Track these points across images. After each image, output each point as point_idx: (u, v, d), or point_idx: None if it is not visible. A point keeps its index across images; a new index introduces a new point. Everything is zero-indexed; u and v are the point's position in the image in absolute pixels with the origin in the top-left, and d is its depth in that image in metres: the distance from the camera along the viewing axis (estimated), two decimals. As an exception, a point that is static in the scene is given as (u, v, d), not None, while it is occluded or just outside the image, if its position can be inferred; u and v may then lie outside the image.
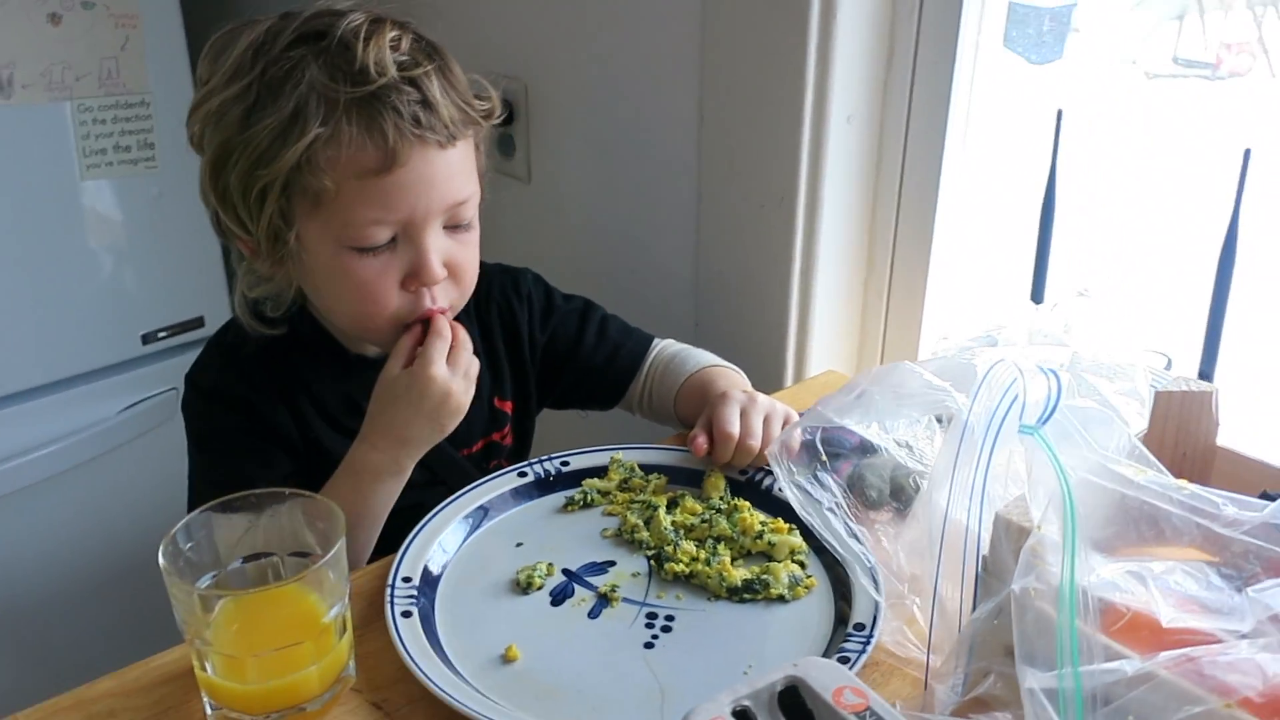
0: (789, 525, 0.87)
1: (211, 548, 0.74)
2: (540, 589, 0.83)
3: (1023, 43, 1.12)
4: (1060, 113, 0.95)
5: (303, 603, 0.71)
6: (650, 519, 0.89)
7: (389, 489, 0.91)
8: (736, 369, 1.10)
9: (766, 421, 0.95)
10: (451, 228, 0.91)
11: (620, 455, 0.97)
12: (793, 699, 0.60)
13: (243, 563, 0.75)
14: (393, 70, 0.84)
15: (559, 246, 1.51)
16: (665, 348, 1.11)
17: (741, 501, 0.91)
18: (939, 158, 1.12)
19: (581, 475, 0.96)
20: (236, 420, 0.94)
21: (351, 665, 0.75)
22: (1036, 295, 1.03)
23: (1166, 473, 0.62)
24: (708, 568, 0.83)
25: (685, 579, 0.84)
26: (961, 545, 0.68)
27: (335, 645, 0.72)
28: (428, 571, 0.84)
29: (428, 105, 0.86)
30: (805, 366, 1.25)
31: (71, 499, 1.66)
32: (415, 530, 0.87)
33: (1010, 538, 0.62)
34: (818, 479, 0.80)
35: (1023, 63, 1.13)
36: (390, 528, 0.92)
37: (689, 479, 0.96)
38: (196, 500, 0.82)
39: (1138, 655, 0.54)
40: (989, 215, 1.18)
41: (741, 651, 0.77)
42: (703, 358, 1.10)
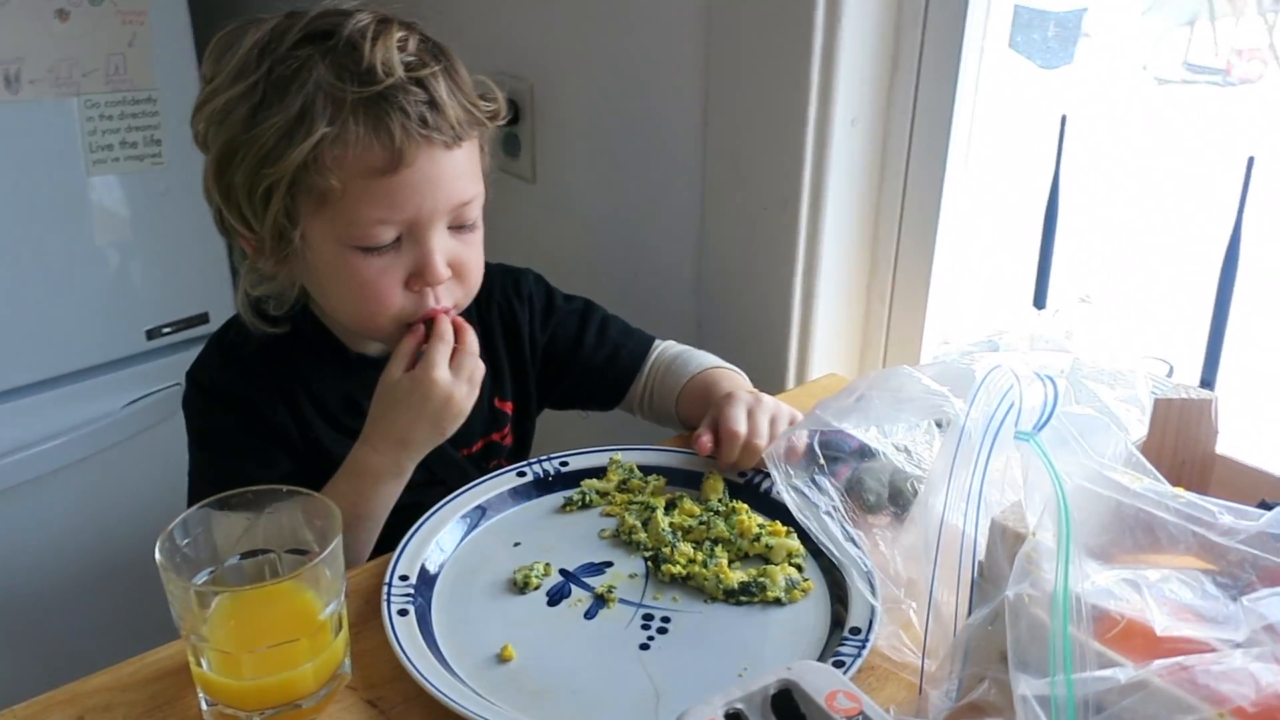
0: (787, 528, 0.87)
1: (209, 544, 0.74)
2: (537, 589, 0.83)
3: (1032, 47, 1.12)
4: (1064, 118, 0.95)
5: (299, 600, 0.71)
6: (648, 520, 0.89)
7: (389, 490, 0.91)
8: (739, 370, 1.10)
9: (773, 422, 0.95)
10: (456, 228, 0.91)
11: (619, 456, 0.97)
12: (786, 702, 0.60)
13: (240, 559, 0.75)
14: (400, 71, 0.85)
15: (563, 246, 1.51)
16: (666, 349, 1.11)
17: (739, 504, 0.91)
18: (943, 162, 1.11)
19: (580, 476, 0.96)
20: (236, 419, 0.95)
21: (347, 663, 0.75)
22: (1039, 300, 1.03)
23: (1163, 480, 0.62)
24: (705, 570, 0.83)
25: (682, 581, 0.84)
26: (958, 550, 0.68)
27: (331, 643, 0.72)
28: (425, 570, 0.84)
29: (434, 106, 0.86)
30: (807, 369, 1.25)
31: (75, 493, 1.67)
32: (413, 529, 0.87)
33: (1006, 543, 0.62)
34: (815, 482, 0.80)
35: (1032, 67, 1.13)
36: (388, 526, 0.92)
37: (688, 480, 0.96)
38: (195, 498, 0.82)
39: (1131, 663, 0.54)
40: (992, 220, 1.18)
41: (737, 654, 0.77)
42: (705, 359, 1.10)
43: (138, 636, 0.83)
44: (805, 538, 0.84)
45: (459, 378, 0.89)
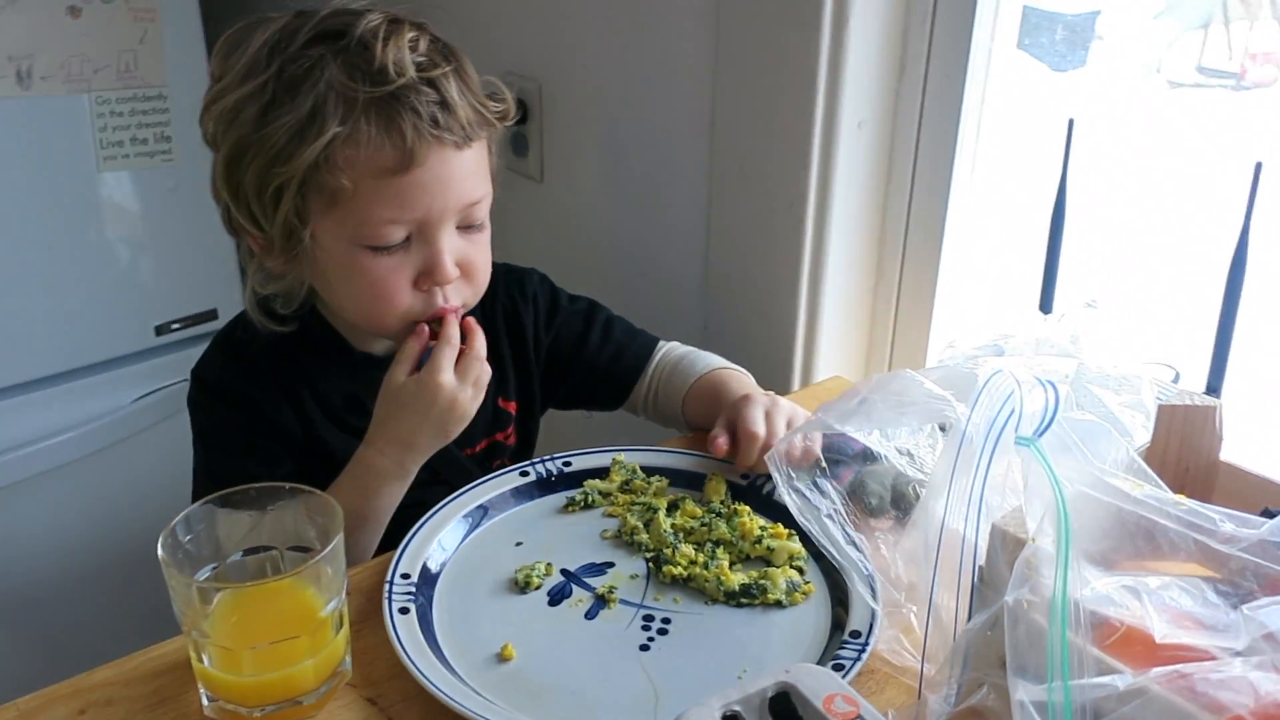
0: (788, 531, 0.87)
1: (212, 540, 0.74)
2: (538, 589, 0.84)
3: (1044, 50, 1.11)
4: (1071, 122, 0.95)
5: (300, 597, 0.71)
6: (650, 521, 0.89)
7: (393, 492, 0.92)
8: (745, 371, 1.10)
9: (789, 425, 0.95)
10: (464, 227, 0.91)
11: (622, 457, 0.97)
12: (784, 705, 0.60)
13: (242, 556, 0.75)
14: (411, 71, 0.85)
15: (570, 246, 1.51)
16: (671, 349, 1.11)
17: (742, 506, 0.91)
18: (950, 165, 1.11)
19: (583, 476, 0.96)
20: (240, 417, 0.95)
21: (348, 660, 0.75)
22: (1045, 305, 1.03)
23: (1165, 487, 0.61)
24: (706, 571, 0.83)
25: (683, 582, 0.84)
26: (958, 555, 0.67)
27: (332, 640, 0.73)
28: (426, 569, 0.84)
29: (445, 106, 0.86)
30: (812, 371, 1.25)
31: (83, 488, 1.68)
32: (415, 527, 0.87)
33: (1006, 548, 0.62)
34: (817, 485, 0.80)
35: (1045, 69, 1.12)
36: (391, 525, 0.92)
37: (690, 482, 0.96)
38: (198, 495, 0.82)
39: (1130, 670, 0.54)
40: (999, 223, 1.18)
41: (737, 656, 0.77)
42: (711, 360, 1.10)
43: (141, 631, 0.83)
44: (807, 540, 0.84)
45: (464, 382, 0.89)
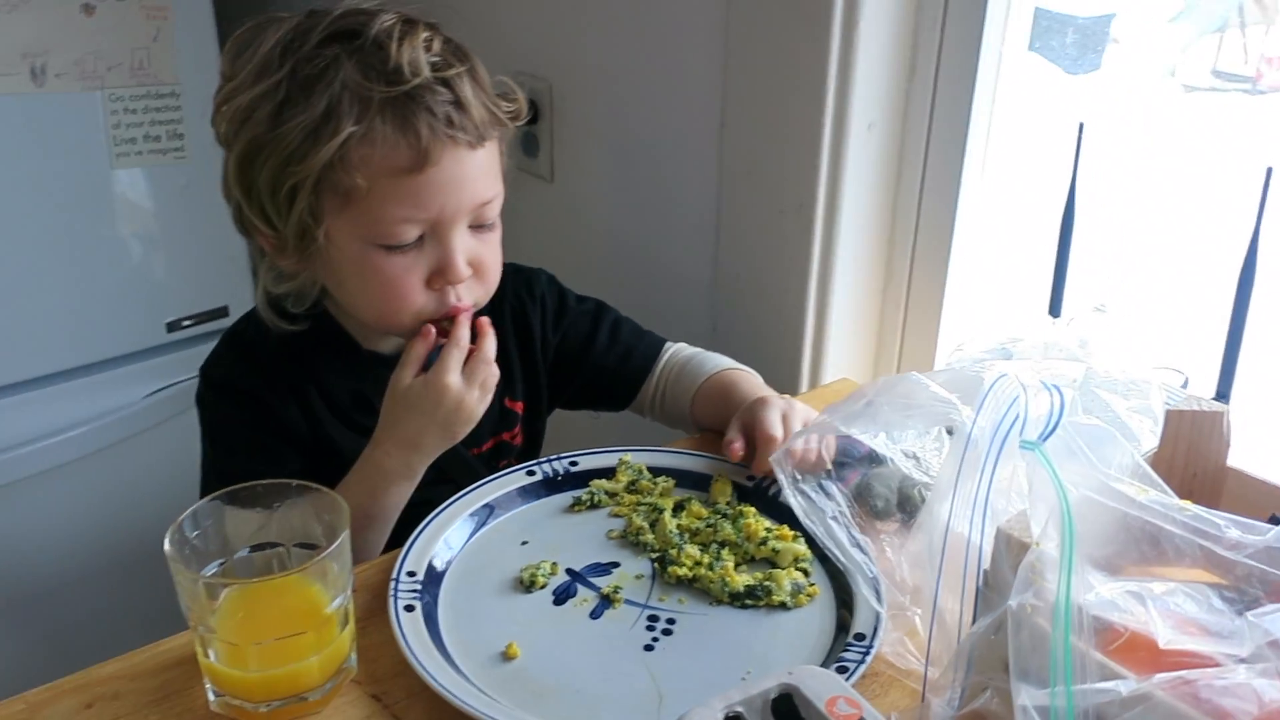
0: (794, 533, 0.87)
1: (218, 536, 0.75)
2: (543, 588, 0.84)
3: (1058, 53, 1.11)
4: (1081, 125, 0.94)
5: (306, 593, 0.71)
6: (656, 522, 0.89)
7: (400, 492, 0.92)
8: (753, 371, 1.10)
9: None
10: (476, 227, 0.91)
11: (629, 457, 0.97)
12: (786, 706, 0.61)
13: (249, 552, 0.76)
14: (426, 71, 0.85)
15: (580, 246, 1.51)
16: (679, 350, 1.11)
17: (748, 507, 0.91)
18: (959, 167, 1.11)
19: (589, 476, 0.96)
20: (246, 415, 0.95)
21: (353, 657, 0.76)
22: (1054, 308, 1.02)
23: (1170, 492, 0.61)
24: (711, 572, 0.83)
25: (688, 583, 0.84)
26: (963, 558, 0.67)
27: (337, 637, 0.73)
28: (432, 567, 0.84)
29: (460, 106, 0.86)
30: (820, 373, 1.25)
31: (94, 483, 1.68)
32: (421, 525, 0.87)
33: (1010, 552, 0.62)
34: (823, 487, 0.80)
35: (1059, 72, 1.12)
36: (397, 523, 0.92)
37: (696, 483, 0.96)
38: (206, 492, 0.83)
39: (1134, 675, 0.54)
40: (1009, 226, 1.17)
41: (741, 657, 0.77)
42: (720, 360, 1.10)
43: (148, 626, 0.84)
44: (812, 543, 0.84)
45: (471, 384, 0.89)
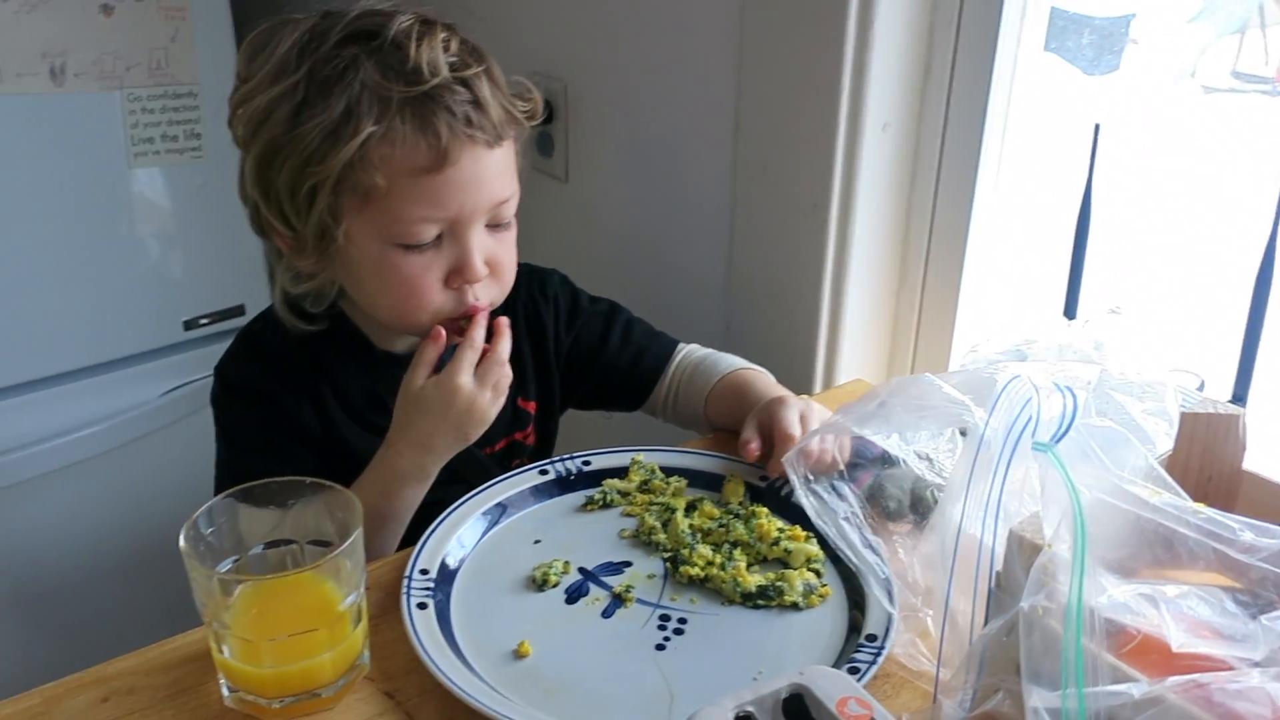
0: (806, 533, 0.87)
1: (233, 533, 0.75)
2: (556, 586, 0.84)
3: (1076, 53, 1.10)
4: (1097, 127, 0.94)
5: (319, 590, 0.72)
6: (668, 521, 0.89)
7: (413, 493, 0.92)
8: (766, 371, 1.09)
9: None
10: (493, 226, 0.92)
11: (641, 457, 0.98)
12: (797, 706, 0.60)
13: (263, 549, 0.76)
14: (445, 71, 0.86)
15: (594, 246, 1.51)
16: (691, 351, 1.11)
17: (760, 508, 0.91)
18: (974, 168, 1.11)
19: (602, 475, 0.96)
20: (260, 415, 0.96)
21: (366, 654, 0.76)
22: (1069, 310, 1.02)
23: (1184, 495, 0.61)
24: (723, 572, 0.83)
25: (700, 583, 0.84)
26: (975, 560, 0.67)
27: (350, 634, 0.73)
28: (445, 565, 0.84)
29: (478, 105, 0.87)
30: (834, 374, 1.24)
31: (111, 480, 1.70)
32: (434, 524, 0.88)
33: (1023, 554, 0.62)
34: (835, 488, 0.80)
35: (1077, 73, 1.11)
36: (411, 521, 0.93)
37: (709, 483, 0.96)
38: (220, 491, 0.83)
39: (1146, 679, 0.53)
40: (1024, 228, 1.17)
41: (753, 657, 0.77)
42: (733, 360, 1.10)
43: (163, 622, 0.84)
44: (824, 543, 0.84)
45: (483, 385, 0.90)
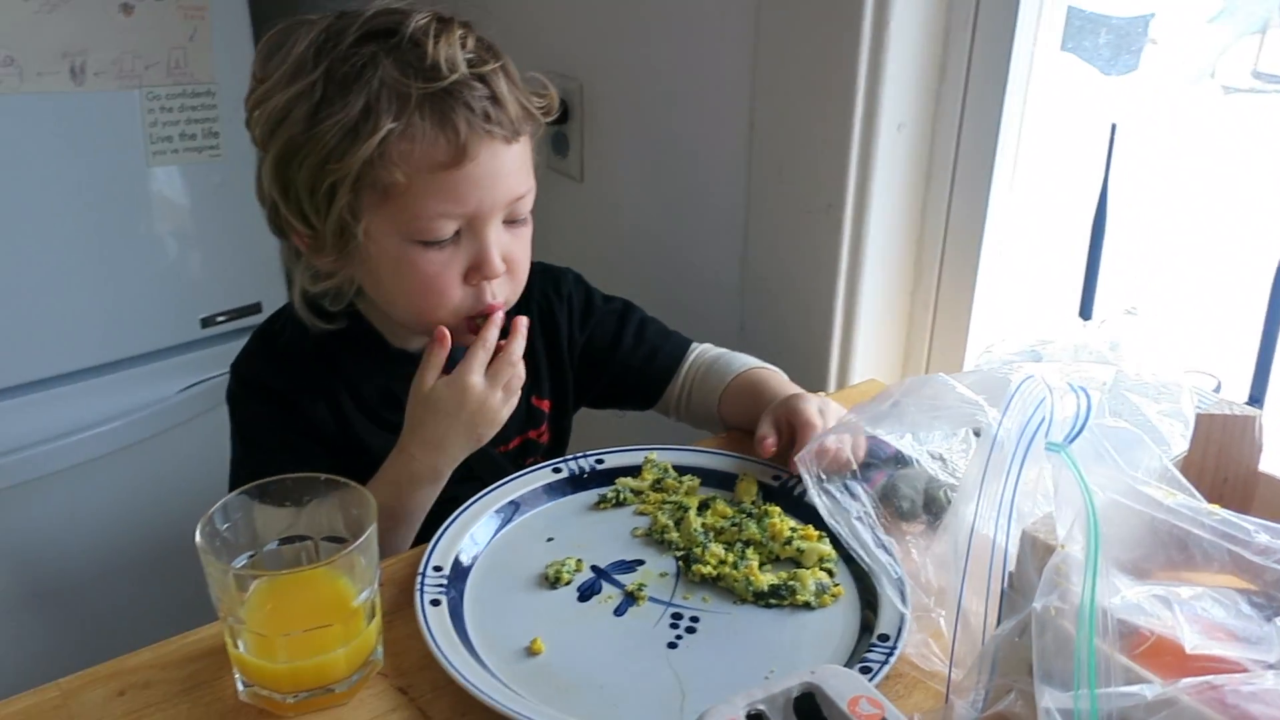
0: (819, 533, 0.87)
1: (249, 529, 0.76)
2: (568, 584, 0.84)
3: (1094, 53, 1.10)
4: (1114, 127, 0.94)
5: (333, 586, 0.72)
6: (681, 520, 0.89)
7: (427, 494, 0.92)
8: (780, 371, 1.09)
9: None
10: (509, 222, 0.92)
11: (654, 455, 0.98)
12: (808, 705, 0.60)
13: (278, 545, 0.77)
14: (463, 67, 0.86)
15: (609, 245, 1.52)
16: (705, 351, 1.11)
17: (773, 507, 0.91)
18: (990, 168, 1.10)
19: (615, 474, 0.96)
20: (275, 413, 0.96)
21: (379, 650, 0.76)
22: (1084, 311, 1.02)
23: (1198, 496, 0.61)
24: (735, 571, 0.83)
25: (712, 581, 0.84)
26: (988, 560, 0.67)
27: (364, 629, 0.74)
28: (458, 562, 0.85)
29: (496, 101, 0.87)
30: (848, 374, 1.24)
31: (129, 476, 1.71)
32: (448, 521, 0.88)
33: (1035, 555, 0.62)
34: (848, 488, 0.80)
35: (1095, 72, 1.11)
36: (424, 518, 0.93)
37: (722, 482, 0.96)
38: (235, 488, 0.84)
39: (1159, 680, 0.53)
40: (1040, 228, 1.17)
41: (764, 656, 0.77)
42: (747, 360, 1.10)
43: (179, 616, 0.85)
44: (837, 543, 0.84)
45: (494, 384, 0.90)
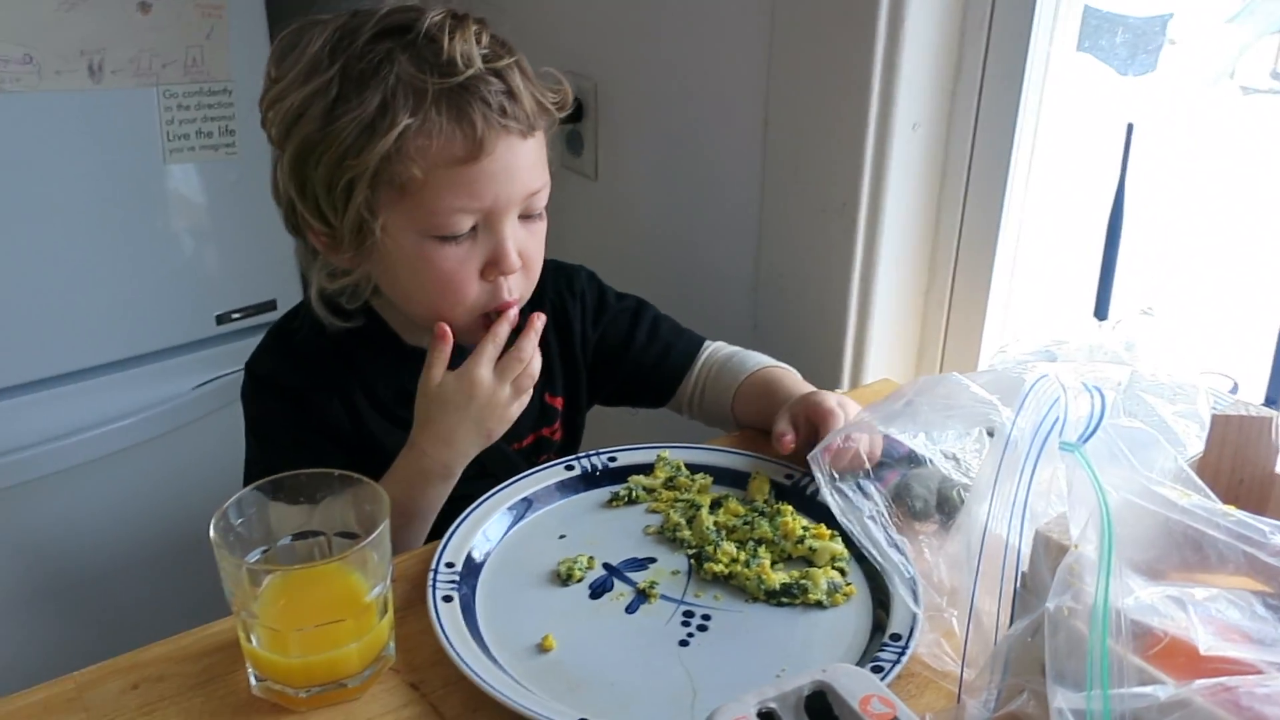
0: (831, 531, 0.87)
1: (262, 524, 0.76)
2: (580, 581, 0.84)
3: (1106, 53, 1.10)
4: (1130, 126, 0.93)
5: (346, 581, 0.73)
6: (693, 518, 0.89)
7: (438, 490, 0.93)
8: (793, 370, 1.09)
9: None
10: (525, 217, 0.92)
11: (667, 453, 0.98)
12: (820, 704, 0.60)
13: (291, 540, 0.77)
14: (479, 62, 0.87)
15: (623, 244, 1.52)
16: (718, 349, 1.11)
17: (785, 505, 0.91)
18: (1005, 168, 1.10)
19: (628, 471, 0.96)
20: (289, 410, 0.97)
21: (391, 645, 0.77)
22: (1100, 311, 1.01)
23: (1213, 497, 0.60)
24: (747, 569, 0.83)
25: (724, 579, 0.84)
26: (1001, 560, 0.67)
27: (376, 625, 0.74)
28: (471, 558, 0.85)
29: (512, 95, 0.88)
30: (862, 373, 1.24)
31: (143, 471, 1.71)
32: (461, 518, 0.88)
33: (1049, 555, 0.62)
34: (861, 487, 0.80)
35: (1111, 73, 1.10)
36: (437, 515, 0.93)
37: (734, 480, 0.96)
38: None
39: (1173, 681, 0.53)
40: (1055, 228, 1.16)
41: (776, 655, 0.77)
42: (761, 358, 1.10)
43: (193, 611, 0.85)
44: (849, 542, 0.84)
45: (502, 379, 0.90)
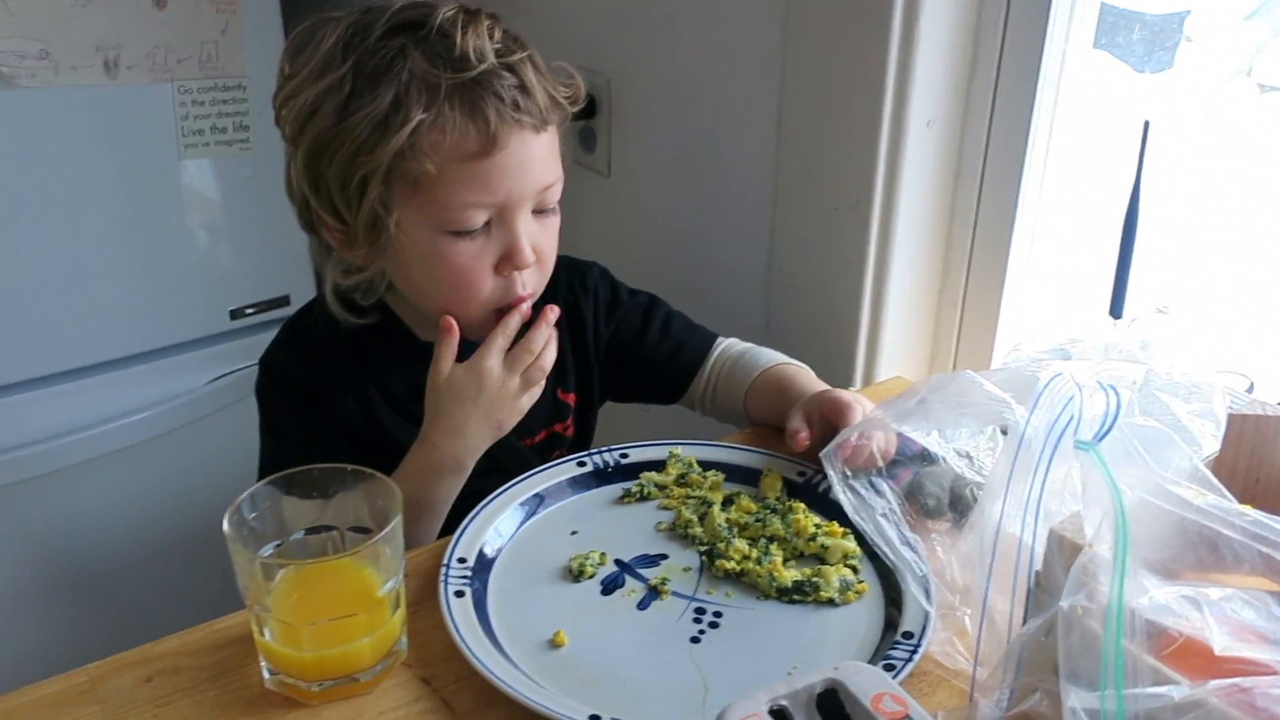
0: (843, 529, 0.87)
1: (276, 519, 0.76)
2: (592, 577, 0.84)
3: (1123, 50, 1.09)
4: (1146, 124, 0.93)
5: (359, 576, 0.73)
6: (705, 515, 0.89)
7: (450, 485, 0.93)
8: (806, 367, 1.09)
9: None
10: (538, 212, 0.92)
11: (679, 450, 0.98)
12: (831, 702, 0.60)
13: (304, 534, 0.77)
14: (492, 57, 0.87)
15: (636, 240, 1.52)
16: (730, 345, 1.11)
17: (797, 503, 0.90)
18: (1020, 166, 1.09)
19: (640, 468, 0.96)
20: (303, 407, 0.97)
21: (403, 640, 0.77)
22: (1115, 309, 1.01)
23: (1229, 496, 0.60)
24: (759, 567, 0.83)
25: (736, 577, 0.84)
26: (1014, 559, 0.67)
27: (388, 619, 0.74)
28: (483, 554, 0.85)
29: (525, 90, 0.88)
30: (874, 371, 1.24)
31: (157, 466, 1.72)
32: (473, 513, 0.88)
33: (1063, 554, 0.61)
34: (873, 484, 0.80)
35: (1128, 70, 1.10)
36: (449, 510, 0.93)
37: (746, 477, 0.96)
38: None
39: (1187, 681, 0.53)
40: (1070, 226, 1.16)
41: (788, 652, 0.77)
42: (774, 355, 1.10)
43: (207, 604, 0.86)
44: (862, 540, 0.83)
45: (512, 371, 0.90)
